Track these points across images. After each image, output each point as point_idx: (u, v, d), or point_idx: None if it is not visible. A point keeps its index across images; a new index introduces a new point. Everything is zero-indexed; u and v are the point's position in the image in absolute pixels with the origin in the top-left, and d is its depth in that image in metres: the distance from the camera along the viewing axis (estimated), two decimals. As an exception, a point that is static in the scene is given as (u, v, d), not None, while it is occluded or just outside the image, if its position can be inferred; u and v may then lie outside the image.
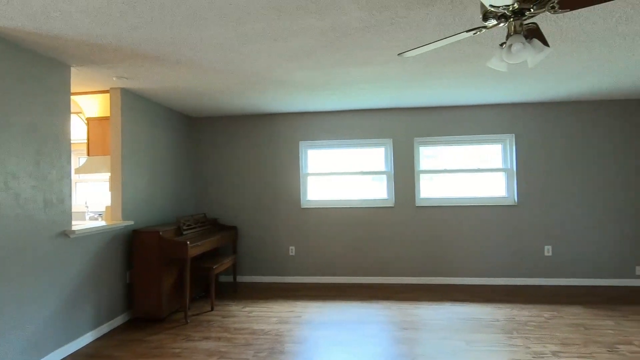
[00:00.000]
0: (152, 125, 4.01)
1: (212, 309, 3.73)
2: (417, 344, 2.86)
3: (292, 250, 4.75)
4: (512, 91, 3.90)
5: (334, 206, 4.70)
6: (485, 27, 1.73)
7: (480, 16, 1.75)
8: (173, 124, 4.45)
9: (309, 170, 4.83)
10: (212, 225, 4.54)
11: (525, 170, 4.46)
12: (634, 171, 4.34)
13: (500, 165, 4.58)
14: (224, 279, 4.86)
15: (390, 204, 4.65)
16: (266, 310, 3.68)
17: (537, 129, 4.47)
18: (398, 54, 1.99)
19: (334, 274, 4.69)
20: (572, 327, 3.12)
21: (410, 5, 1.98)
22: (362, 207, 4.67)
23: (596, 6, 2.04)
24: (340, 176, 4.77)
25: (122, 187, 3.45)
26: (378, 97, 4.03)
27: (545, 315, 3.41)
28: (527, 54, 1.58)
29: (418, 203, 4.61)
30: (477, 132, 4.55)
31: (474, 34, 1.79)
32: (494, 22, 1.69)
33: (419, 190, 4.64)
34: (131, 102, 3.64)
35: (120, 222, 3.32)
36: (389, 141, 4.68)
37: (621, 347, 2.73)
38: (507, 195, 4.53)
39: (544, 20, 2.21)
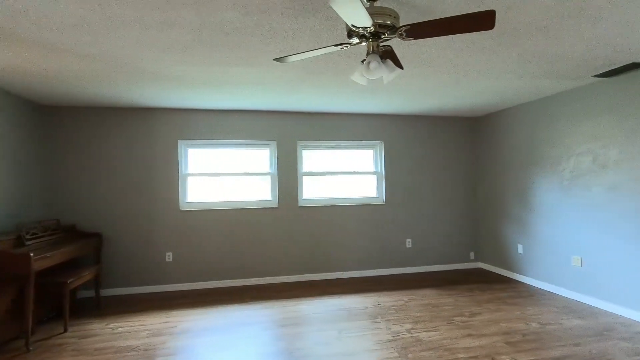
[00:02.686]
0: (-18, 112, 3.23)
1: (65, 331, 3.20)
2: (295, 338, 2.98)
3: (169, 256, 4.42)
4: (381, 103, 4.40)
5: (216, 208, 4.55)
6: (349, 43, 1.92)
7: (346, 33, 1.94)
8: (14, 111, 3.67)
9: (189, 171, 4.57)
10: (67, 232, 3.90)
11: (392, 174, 5.09)
12: (471, 176, 5.37)
13: (372, 168, 5.11)
14: (85, 294, 4.22)
15: (274, 204, 4.73)
16: (136, 324, 3.33)
17: (401, 137, 5.14)
18: (274, 59, 2.06)
19: (216, 279, 4.54)
20: (423, 306, 3.68)
21: (286, 14, 2.07)
22: (246, 208, 4.63)
23: (437, 39, 2.47)
24: (223, 177, 4.64)
25: None
26: (262, 99, 4.06)
27: (404, 299, 3.94)
28: (381, 72, 1.81)
29: (301, 204, 4.81)
30: (353, 138, 5.00)
31: (341, 48, 1.98)
32: (356, 40, 1.90)
33: (302, 191, 4.85)
34: (-52, 80, 2.87)
35: None
36: (274, 143, 4.77)
37: (456, 319, 3.34)
38: (377, 196, 5.08)
39: (400, 45, 2.57)
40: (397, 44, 2.55)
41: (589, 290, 3.67)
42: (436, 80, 3.43)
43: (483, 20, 1.62)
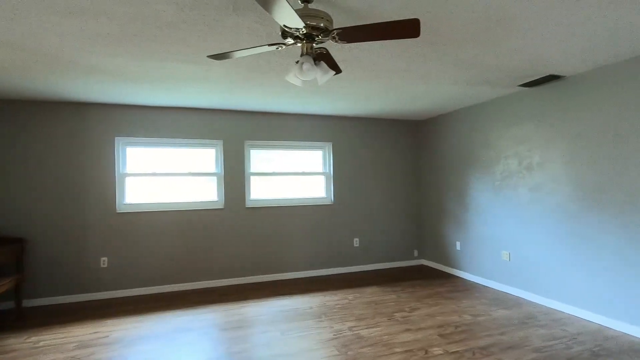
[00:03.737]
0: None
1: (-24, 348, 2.88)
2: (236, 342, 2.92)
3: (104, 261, 4.13)
4: (328, 104, 4.46)
5: (158, 209, 4.34)
6: (284, 44, 1.92)
7: (280, 33, 1.93)
8: None
9: (128, 170, 4.31)
10: (-18, 238, 3.51)
11: (340, 174, 5.17)
12: (415, 177, 5.61)
13: (320, 169, 5.16)
14: (4, 306, 3.82)
15: (220, 205, 4.61)
16: (62, 337, 3.08)
17: (349, 138, 5.24)
18: (207, 56, 2.00)
19: (156, 284, 4.32)
20: (367, 304, 3.78)
21: (221, 10, 2.02)
22: (190, 209, 4.47)
23: (375, 44, 2.55)
24: (165, 177, 4.43)
25: None
26: (206, 97, 3.94)
27: (349, 297, 4.01)
28: (315, 74, 1.83)
29: (248, 204, 4.73)
30: (302, 138, 5.01)
31: (277, 48, 1.97)
32: (291, 41, 1.90)
33: (249, 192, 4.77)
34: None
35: None
36: (220, 142, 4.64)
37: (397, 314, 3.47)
38: (325, 196, 5.14)
39: (341, 49, 2.61)
40: (338, 47, 2.59)
41: (516, 282, 3.98)
42: (377, 84, 3.54)
43: (408, 28, 1.69)
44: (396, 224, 5.46)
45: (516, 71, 3.22)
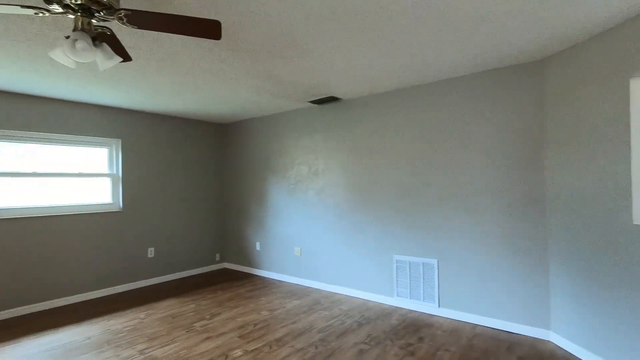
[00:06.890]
0: None
1: None
2: (-40, 411, 2.07)
3: None
4: (120, 95, 3.83)
5: None
6: (48, 10, 1.51)
7: (41, -4, 1.52)
8: None
9: None
10: None
11: (131, 176, 4.53)
12: (217, 180, 5.54)
13: (106, 170, 4.37)
14: None
15: (-64, 219, 3.20)
16: None
17: (145, 136, 4.67)
18: None
19: None
20: (162, 320, 3.44)
21: None
22: None
23: (176, 38, 2.36)
24: None
25: None
26: None
27: (141, 315, 3.55)
28: (93, 56, 1.52)
29: (-11, 215, 3.49)
30: (81, 132, 4.10)
31: (35, 13, 1.53)
32: (59, 9, 1.51)
33: (-8, 199, 3.52)
34: None
35: None
36: (-64, 128, 3.23)
37: (197, 324, 3.31)
38: (112, 202, 4.38)
39: (133, 34, 2.28)
40: (128, 32, 2.25)
41: (306, 274, 4.53)
42: (176, 80, 3.31)
43: (210, 28, 1.64)
44: (197, 229, 5.25)
45: (306, 89, 3.68)
